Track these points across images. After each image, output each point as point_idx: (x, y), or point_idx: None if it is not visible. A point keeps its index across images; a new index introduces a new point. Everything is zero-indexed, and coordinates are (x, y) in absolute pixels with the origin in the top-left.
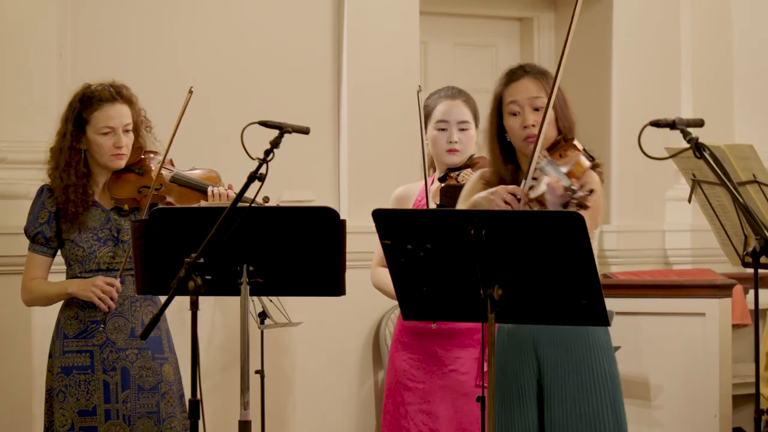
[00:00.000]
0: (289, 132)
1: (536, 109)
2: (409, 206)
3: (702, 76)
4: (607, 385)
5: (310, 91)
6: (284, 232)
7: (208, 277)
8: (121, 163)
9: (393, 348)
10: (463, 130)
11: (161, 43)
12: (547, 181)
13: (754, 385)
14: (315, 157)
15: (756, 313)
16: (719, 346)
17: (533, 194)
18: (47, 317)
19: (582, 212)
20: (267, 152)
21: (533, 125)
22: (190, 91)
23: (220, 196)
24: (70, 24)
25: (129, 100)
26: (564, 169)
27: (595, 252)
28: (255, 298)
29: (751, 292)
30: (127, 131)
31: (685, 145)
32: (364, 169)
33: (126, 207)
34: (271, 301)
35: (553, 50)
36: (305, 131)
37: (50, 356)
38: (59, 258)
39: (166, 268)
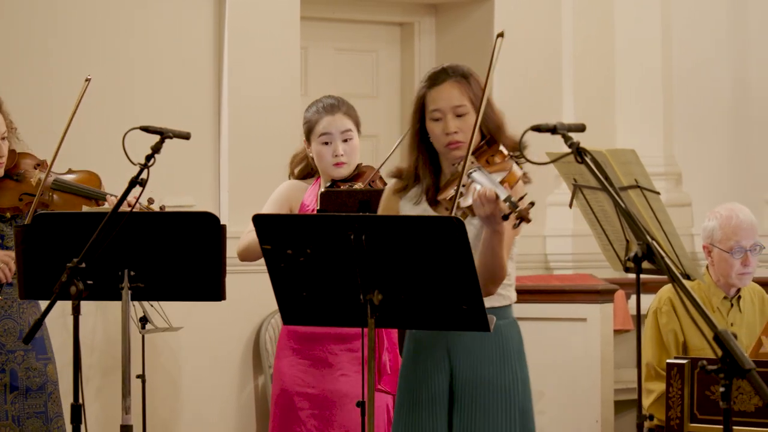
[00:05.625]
0: (170, 137)
1: (459, 116)
2: (299, 200)
3: (584, 81)
4: (517, 390)
5: (190, 96)
6: (165, 237)
7: (89, 282)
8: (0, 172)
9: (279, 353)
10: (346, 140)
11: (40, 46)
12: (479, 191)
13: (636, 391)
14: (195, 163)
15: (638, 318)
16: (601, 352)
17: (464, 204)
18: None
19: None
20: (148, 157)
21: (456, 132)
22: (87, 80)
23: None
24: None
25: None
26: (497, 177)
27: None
28: (136, 302)
29: (633, 297)
30: (3, 138)
31: (567, 149)
32: (244, 175)
33: (8, 215)
34: (152, 305)
35: (434, 55)
36: (186, 136)
37: None
38: None
39: (48, 273)
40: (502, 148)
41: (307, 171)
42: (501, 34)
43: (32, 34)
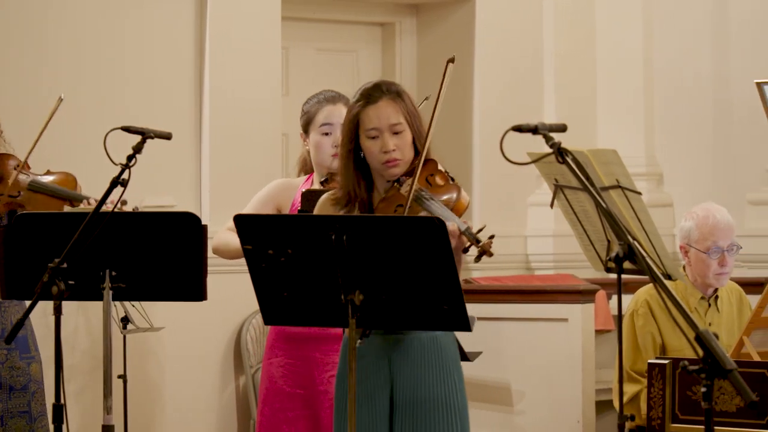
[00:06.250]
0: (152, 137)
1: (396, 133)
2: (289, 199)
3: (565, 81)
4: (457, 400)
5: (172, 96)
6: (146, 237)
7: (71, 282)
8: None
9: (268, 354)
10: None
11: (24, 47)
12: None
13: (613, 391)
14: (176, 163)
15: (619, 318)
16: (582, 352)
17: None
18: None
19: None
20: (129, 157)
21: (394, 150)
22: (60, 99)
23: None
24: None
25: None
26: (444, 198)
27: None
28: (118, 302)
29: (614, 297)
30: None
31: (548, 150)
32: (225, 175)
33: None
34: (133, 305)
35: (415, 55)
36: (167, 137)
37: None
38: None
39: (30, 273)
40: (440, 167)
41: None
42: (452, 60)
43: (14, 34)
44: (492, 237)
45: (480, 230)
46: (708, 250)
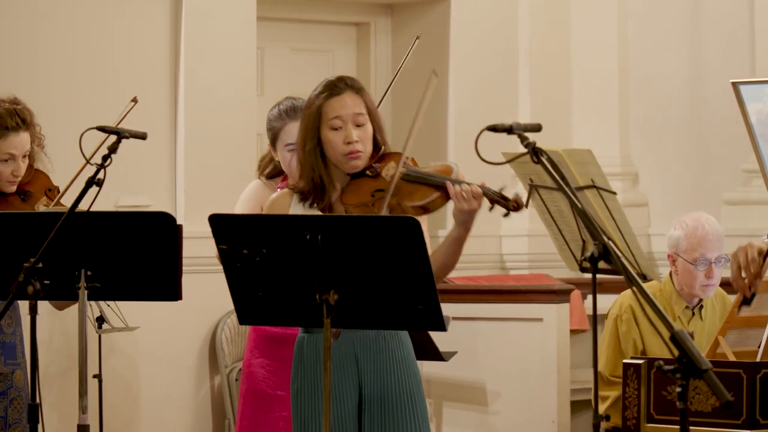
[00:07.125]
0: (127, 137)
1: (358, 125)
2: (268, 196)
3: (540, 81)
4: (420, 393)
5: (147, 96)
6: (121, 237)
7: (46, 282)
8: (13, 189)
9: (249, 354)
10: None
11: (4, 46)
12: (465, 188)
13: (592, 391)
14: (151, 163)
15: (594, 318)
16: (557, 352)
17: (415, 203)
18: None
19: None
20: (105, 157)
21: (357, 141)
22: (134, 102)
23: None
24: None
25: (31, 125)
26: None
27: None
28: (93, 302)
29: (589, 297)
30: (25, 156)
31: (523, 149)
32: (200, 174)
33: None
34: (108, 305)
35: (390, 55)
36: (142, 137)
37: None
38: None
39: (4, 273)
40: (407, 158)
41: (276, 171)
42: (435, 73)
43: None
44: (516, 194)
45: (501, 189)
46: (695, 261)
